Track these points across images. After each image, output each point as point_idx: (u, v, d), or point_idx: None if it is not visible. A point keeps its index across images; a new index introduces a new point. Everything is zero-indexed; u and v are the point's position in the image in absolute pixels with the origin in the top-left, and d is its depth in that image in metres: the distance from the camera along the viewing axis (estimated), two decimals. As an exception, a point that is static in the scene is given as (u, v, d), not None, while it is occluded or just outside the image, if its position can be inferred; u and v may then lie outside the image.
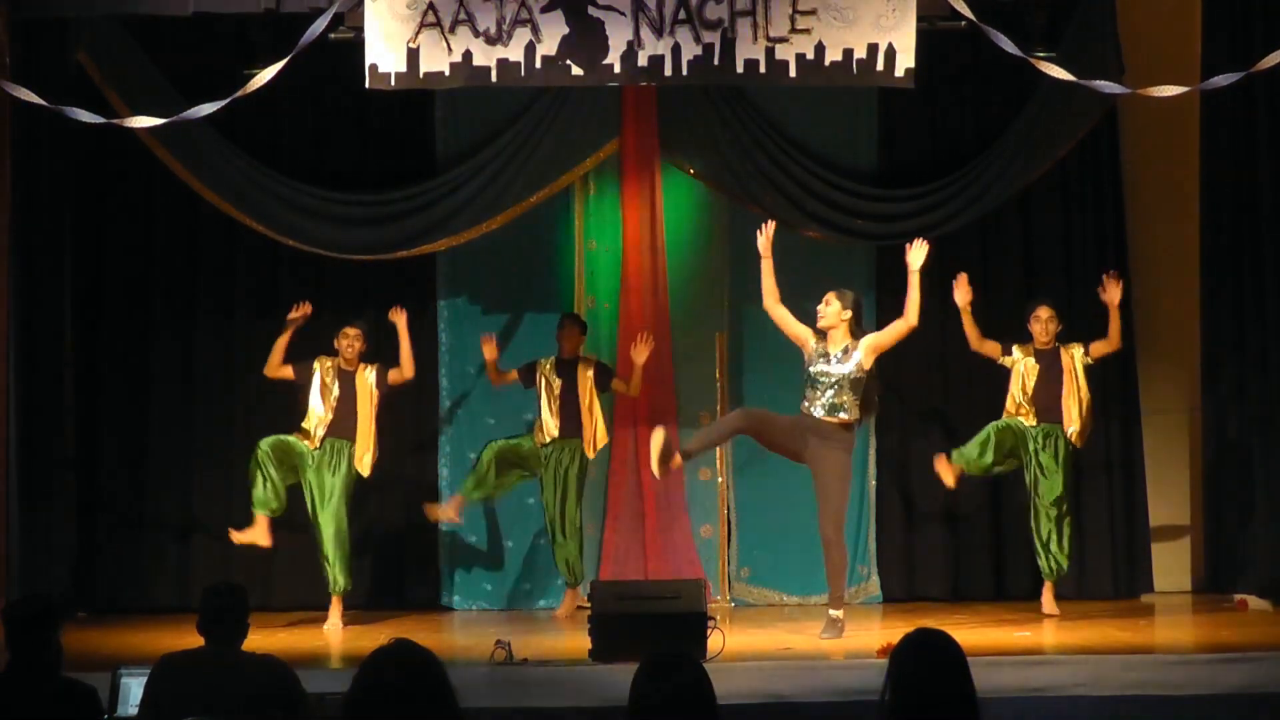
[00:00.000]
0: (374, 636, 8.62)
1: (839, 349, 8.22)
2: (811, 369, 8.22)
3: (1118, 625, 8.60)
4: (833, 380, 8.16)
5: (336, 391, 9.11)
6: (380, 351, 9.41)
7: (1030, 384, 9.03)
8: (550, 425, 9.44)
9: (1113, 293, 9.00)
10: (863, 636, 8.30)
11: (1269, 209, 9.36)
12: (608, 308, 10.12)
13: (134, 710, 5.12)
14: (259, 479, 9.00)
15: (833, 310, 8.23)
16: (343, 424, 9.10)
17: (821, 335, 8.28)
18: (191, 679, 4.89)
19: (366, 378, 9.16)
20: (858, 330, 8.29)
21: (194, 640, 5.09)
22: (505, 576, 10.03)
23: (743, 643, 7.90)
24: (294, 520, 9.29)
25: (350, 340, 9.14)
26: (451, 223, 9.62)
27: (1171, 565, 10.16)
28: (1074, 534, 9.12)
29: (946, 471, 8.98)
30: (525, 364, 9.64)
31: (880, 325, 10.07)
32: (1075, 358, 9.03)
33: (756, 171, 9.66)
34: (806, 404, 8.22)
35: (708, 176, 9.78)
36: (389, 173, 9.96)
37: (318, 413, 9.09)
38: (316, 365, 9.15)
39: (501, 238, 9.84)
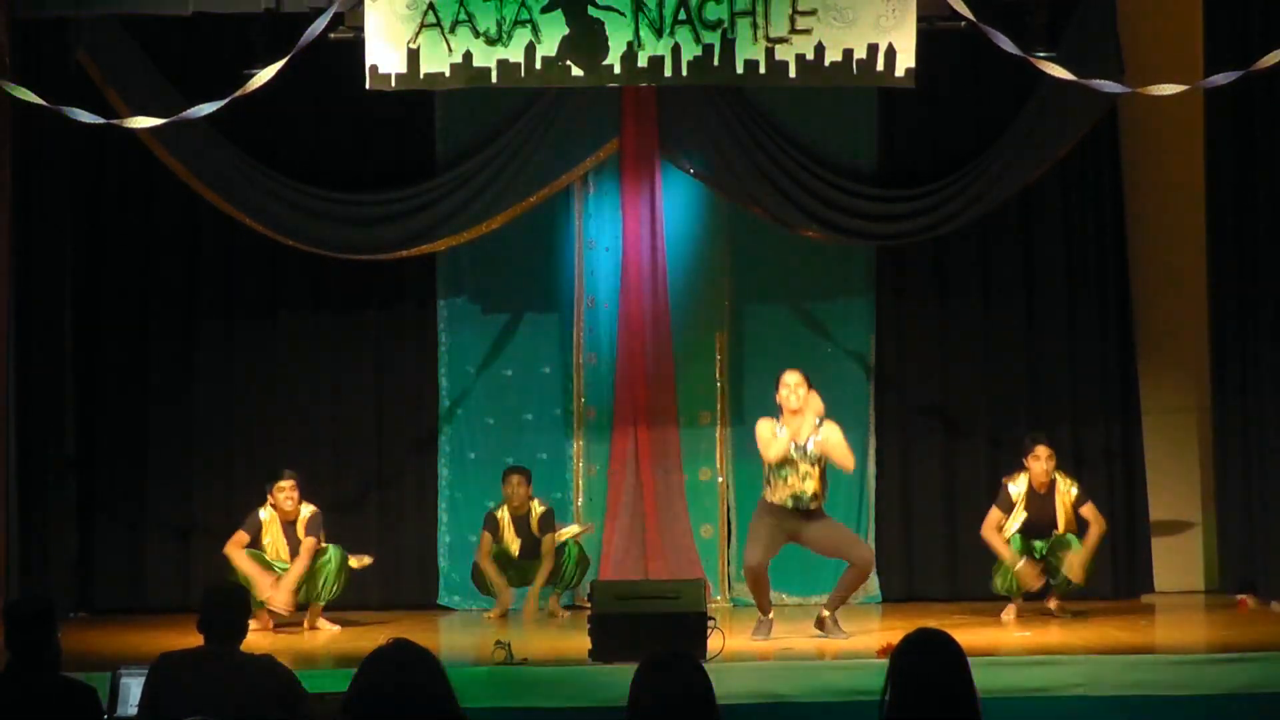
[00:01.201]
0: (374, 637, 8.61)
1: (807, 430, 8.15)
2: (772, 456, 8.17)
3: (1118, 625, 8.59)
4: (803, 467, 8.12)
5: (285, 544, 8.97)
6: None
7: (1021, 520, 8.91)
8: (505, 582, 9.46)
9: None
10: (863, 636, 8.30)
11: (1270, 206, 9.35)
12: (607, 308, 10.12)
13: (134, 710, 5.12)
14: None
15: (803, 394, 8.13)
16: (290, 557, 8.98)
17: (777, 418, 8.22)
18: (190, 679, 4.89)
19: (303, 516, 9.01)
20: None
21: (194, 640, 5.08)
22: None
23: (743, 643, 7.90)
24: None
25: (287, 493, 8.94)
26: (451, 223, 9.62)
27: (1181, 565, 10.15)
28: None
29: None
30: (488, 516, 9.54)
31: (880, 326, 10.13)
32: (1066, 501, 8.90)
33: (756, 171, 9.66)
34: (775, 494, 8.16)
35: (708, 176, 9.78)
36: (389, 173, 9.95)
37: (278, 569, 8.91)
38: (261, 522, 8.98)
39: (501, 238, 9.84)
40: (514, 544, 9.46)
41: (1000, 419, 10.05)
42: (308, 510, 9.04)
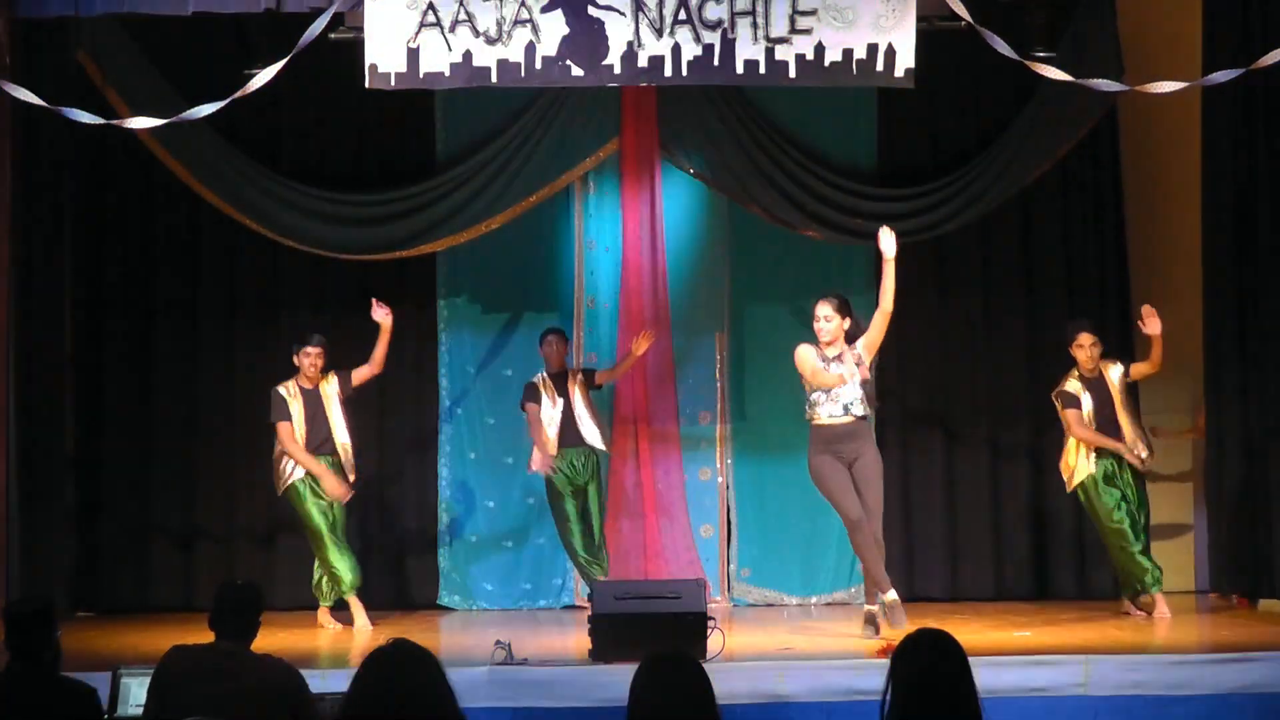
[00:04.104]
0: (374, 637, 8.64)
1: (834, 353, 8.10)
2: (817, 380, 8.08)
3: (1118, 625, 8.59)
4: (843, 382, 8.05)
5: (303, 412, 9.03)
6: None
7: (1090, 417, 8.87)
8: (549, 443, 9.44)
9: (1153, 325, 8.77)
10: (863, 637, 8.29)
11: (1269, 208, 9.34)
12: (608, 308, 10.13)
13: (134, 710, 5.12)
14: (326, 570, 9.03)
15: (834, 326, 8.02)
16: (321, 443, 9.03)
17: (814, 345, 8.19)
18: (199, 675, 4.87)
19: (328, 390, 9.10)
20: (853, 329, 8.17)
21: (196, 640, 5.08)
22: (505, 576, 10.03)
23: (743, 643, 7.90)
24: (291, 522, 9.30)
25: (312, 359, 9.06)
26: (451, 223, 9.62)
27: (1179, 566, 10.14)
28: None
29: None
30: (527, 386, 9.59)
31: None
32: (1115, 378, 8.89)
33: (756, 171, 9.66)
34: (821, 412, 8.01)
35: (708, 176, 9.78)
36: (389, 173, 9.96)
37: (301, 439, 9.02)
38: (284, 393, 9.05)
39: (501, 238, 9.85)
40: (557, 400, 9.44)
41: (1000, 418, 10.06)
42: (334, 381, 9.11)
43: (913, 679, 3.52)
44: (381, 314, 9.11)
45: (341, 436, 9.08)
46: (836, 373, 7.95)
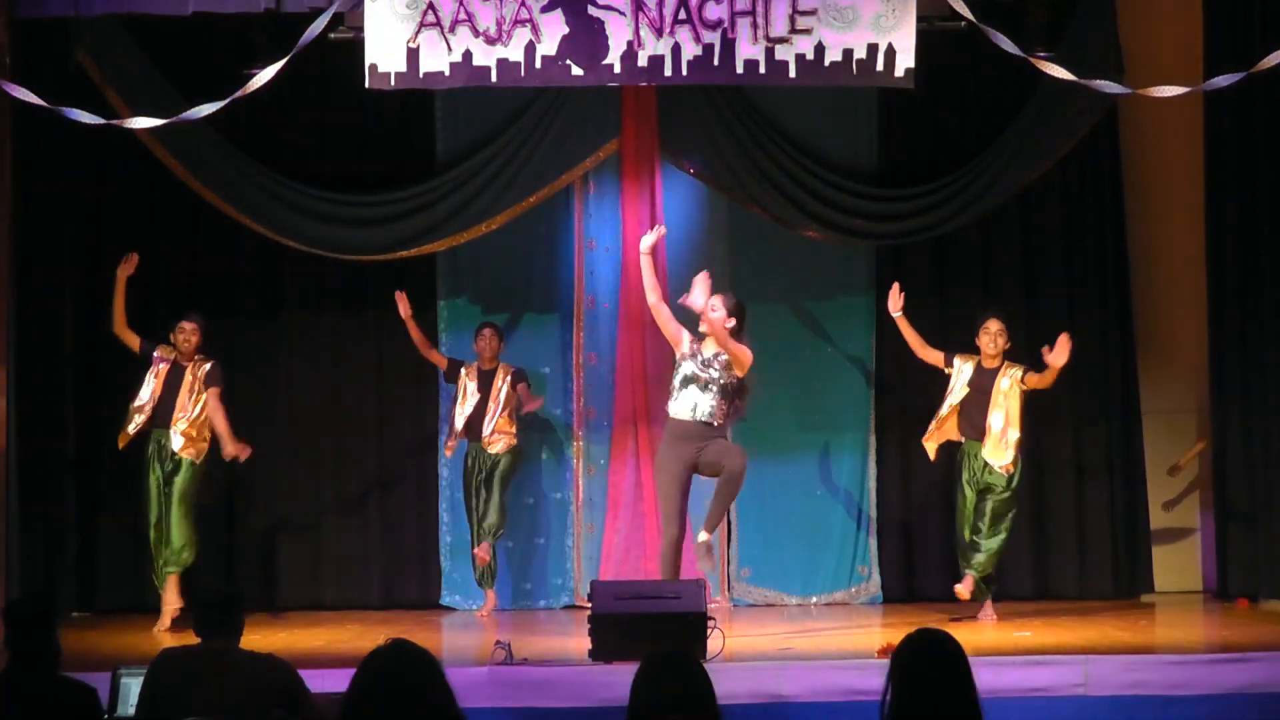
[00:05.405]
0: (373, 637, 8.62)
1: (712, 353, 8.13)
2: (684, 370, 8.13)
3: (1118, 625, 8.59)
4: (705, 383, 8.07)
5: (160, 382, 9.01)
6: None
7: (960, 397, 8.93)
8: (457, 429, 9.59)
9: (1059, 357, 8.66)
10: (863, 636, 8.30)
11: (1271, 206, 9.35)
12: (607, 307, 10.12)
13: (134, 710, 5.11)
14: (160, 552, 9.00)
15: (719, 318, 8.10)
16: (162, 414, 9.00)
17: (699, 337, 8.21)
18: (191, 675, 4.88)
19: (196, 373, 9.05)
20: (739, 336, 8.16)
21: (194, 640, 5.08)
22: (505, 576, 10.01)
23: (743, 643, 7.90)
24: (292, 522, 9.30)
25: (186, 335, 9.07)
26: (451, 223, 9.62)
27: (1178, 566, 10.15)
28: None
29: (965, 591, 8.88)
30: (453, 361, 9.71)
31: (880, 326, 10.13)
32: (1011, 382, 8.86)
33: (756, 171, 9.66)
34: (678, 406, 8.11)
35: (708, 176, 9.78)
36: (389, 173, 9.96)
37: (143, 400, 9.01)
38: (158, 352, 9.07)
39: (501, 238, 9.84)
40: (472, 397, 9.52)
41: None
42: (206, 369, 9.04)
43: (913, 679, 3.52)
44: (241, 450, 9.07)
45: (184, 419, 8.97)
46: (705, 375, 8.06)
